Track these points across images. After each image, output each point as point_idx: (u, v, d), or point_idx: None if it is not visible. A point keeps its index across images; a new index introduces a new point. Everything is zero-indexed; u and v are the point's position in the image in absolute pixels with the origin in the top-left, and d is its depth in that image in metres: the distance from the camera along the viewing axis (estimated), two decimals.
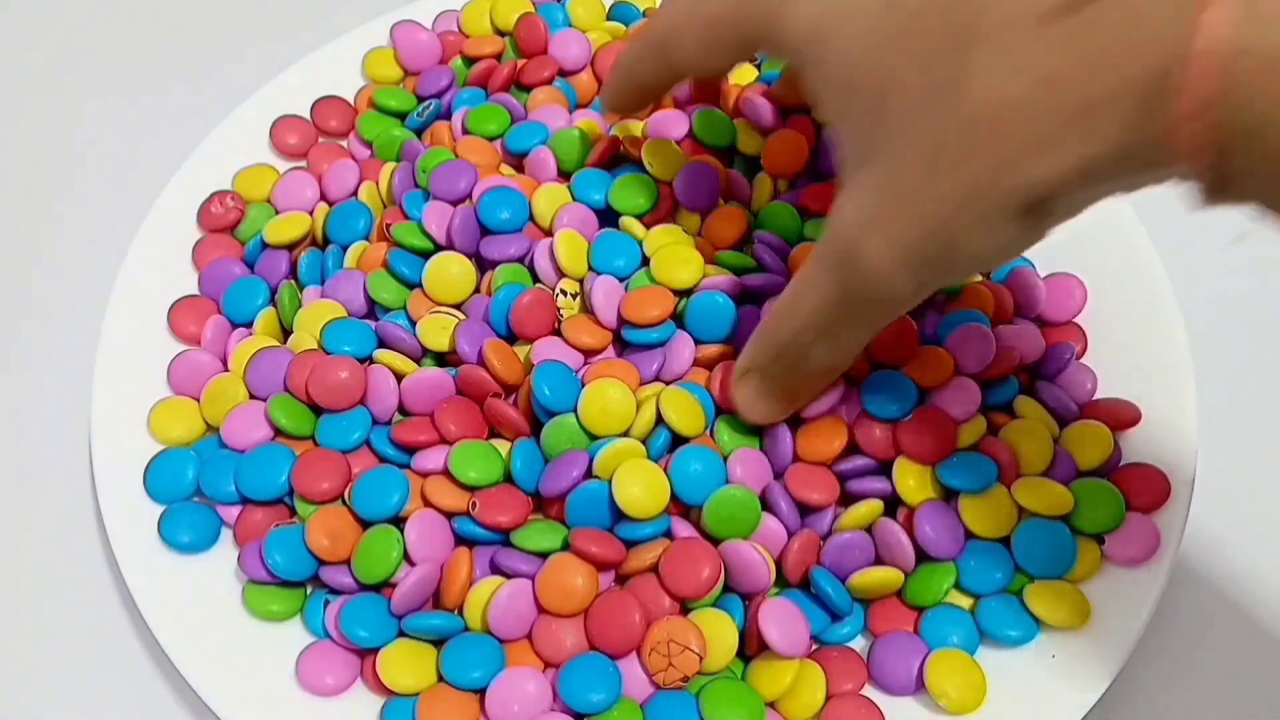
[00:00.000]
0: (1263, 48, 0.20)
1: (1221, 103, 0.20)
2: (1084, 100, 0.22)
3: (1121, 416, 0.34)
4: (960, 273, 0.27)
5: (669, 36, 0.31)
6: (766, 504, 0.33)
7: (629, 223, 0.36)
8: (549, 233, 0.37)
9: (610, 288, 0.35)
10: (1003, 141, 0.23)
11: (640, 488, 0.32)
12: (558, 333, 0.35)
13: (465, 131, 0.40)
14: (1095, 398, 0.36)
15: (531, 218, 0.37)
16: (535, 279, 0.36)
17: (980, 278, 0.37)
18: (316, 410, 0.35)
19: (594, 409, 0.33)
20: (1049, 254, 0.39)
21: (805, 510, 0.33)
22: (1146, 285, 0.38)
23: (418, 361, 0.35)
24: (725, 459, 0.33)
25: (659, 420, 0.33)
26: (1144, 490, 0.33)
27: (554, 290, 0.36)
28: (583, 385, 0.33)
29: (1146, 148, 0.22)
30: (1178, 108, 0.21)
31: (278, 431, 0.35)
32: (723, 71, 0.32)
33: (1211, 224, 0.42)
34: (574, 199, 0.37)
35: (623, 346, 0.35)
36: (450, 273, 0.36)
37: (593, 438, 0.33)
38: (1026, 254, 0.39)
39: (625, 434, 0.33)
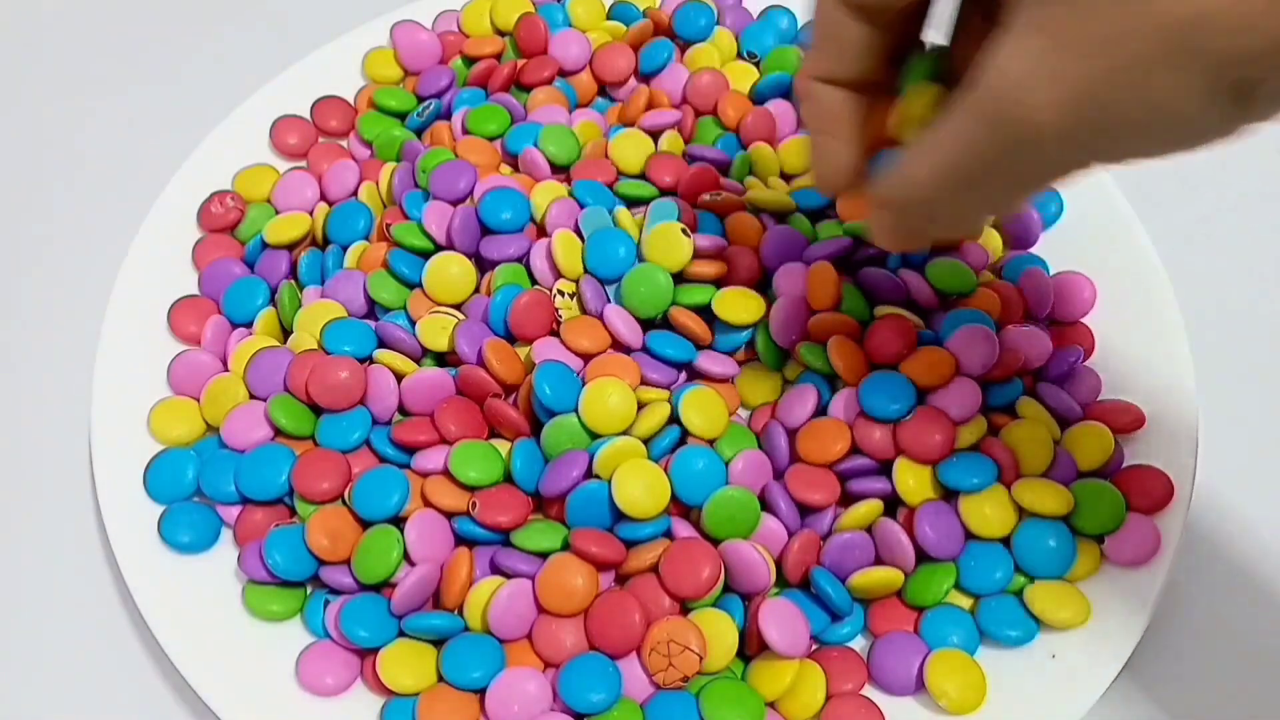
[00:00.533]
0: None
1: None
2: None
3: (1124, 419, 0.34)
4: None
5: None
6: (766, 504, 0.33)
7: (621, 215, 0.37)
8: (547, 232, 0.37)
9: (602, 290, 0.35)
10: None
11: (640, 488, 0.32)
12: (556, 334, 0.35)
13: (465, 131, 0.40)
14: (1099, 398, 0.36)
15: (532, 218, 0.37)
16: (533, 280, 0.36)
17: (991, 276, 0.37)
18: (316, 410, 0.35)
19: (595, 407, 0.33)
20: (1050, 254, 0.39)
21: (805, 510, 0.33)
22: (1147, 285, 0.38)
23: (418, 361, 0.35)
24: (726, 460, 0.33)
25: (670, 419, 0.33)
26: (1145, 492, 0.33)
27: (551, 291, 0.36)
28: (583, 384, 0.33)
29: None
30: None
31: (278, 431, 0.35)
32: None
33: (1212, 224, 0.42)
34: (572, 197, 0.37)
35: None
36: (450, 273, 0.36)
37: (594, 436, 0.33)
38: (1038, 253, 0.39)
39: (626, 432, 0.33)
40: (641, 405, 0.34)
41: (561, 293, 0.36)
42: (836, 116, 0.29)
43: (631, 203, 0.38)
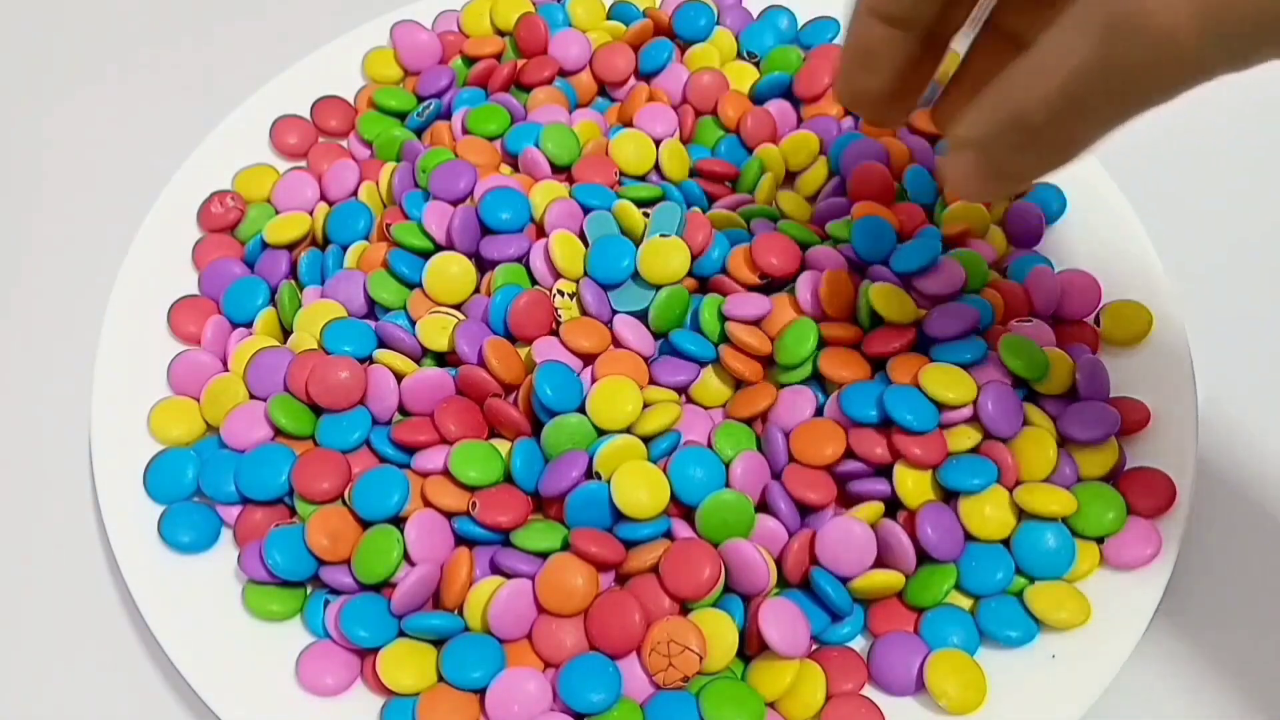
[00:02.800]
0: None
1: None
2: None
3: (1132, 418, 0.34)
4: (1273, 48, 0.20)
5: None
6: (766, 504, 0.33)
7: (626, 209, 0.36)
8: (546, 232, 0.37)
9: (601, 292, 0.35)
10: None
11: (640, 489, 0.32)
12: (556, 334, 0.35)
13: (465, 131, 0.40)
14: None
15: (532, 218, 0.37)
16: (533, 280, 0.36)
17: (997, 275, 0.37)
18: (316, 410, 0.35)
19: (604, 405, 0.33)
20: (1049, 253, 0.39)
21: (805, 510, 0.33)
22: (1147, 286, 0.38)
23: (418, 361, 0.35)
24: (725, 462, 0.33)
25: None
26: (1146, 494, 0.33)
27: (550, 291, 0.36)
28: (593, 381, 0.33)
29: None
30: None
31: (278, 431, 0.35)
32: None
33: (1213, 224, 0.42)
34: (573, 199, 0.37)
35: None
36: (450, 273, 0.36)
37: (600, 433, 0.33)
38: (1043, 252, 0.39)
39: (629, 429, 0.33)
40: (647, 405, 0.34)
41: (561, 293, 0.36)
42: (873, 52, 0.27)
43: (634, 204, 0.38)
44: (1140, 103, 0.22)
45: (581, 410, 0.33)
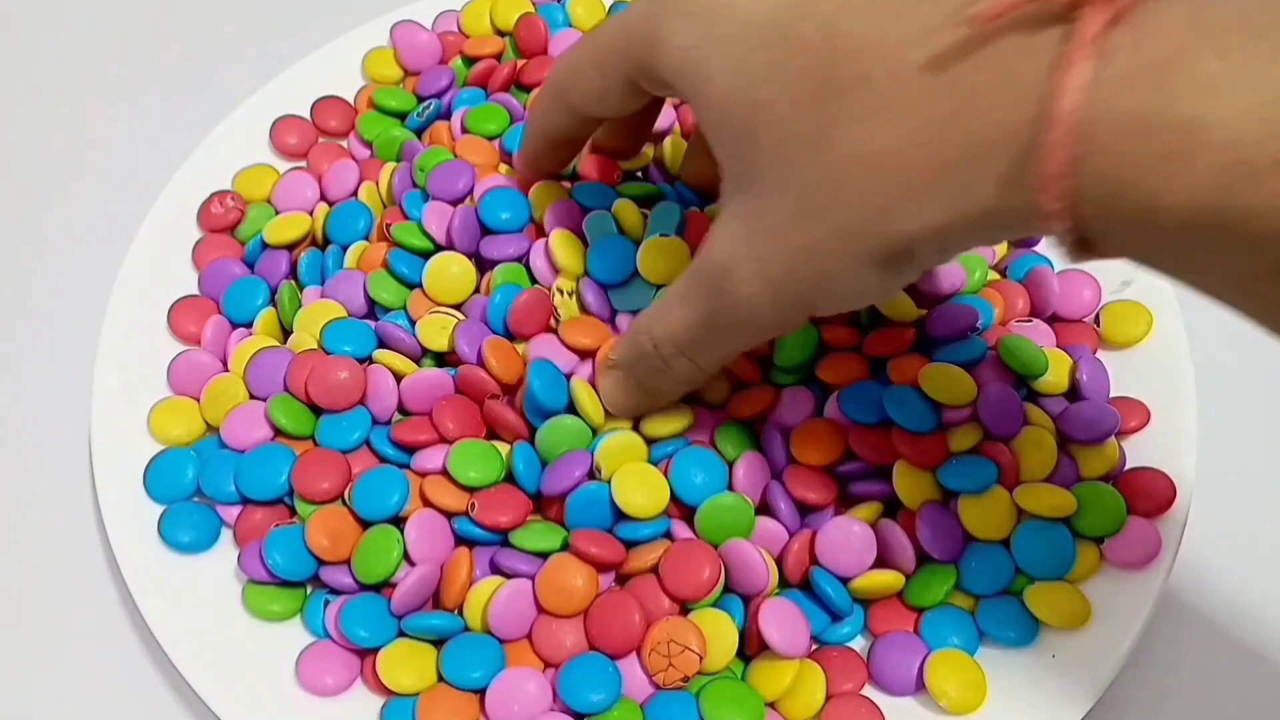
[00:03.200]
0: (1111, 113, 0.20)
1: (1079, 167, 0.20)
2: (954, 155, 0.22)
3: (1132, 420, 0.34)
4: (824, 308, 0.27)
5: (567, 79, 0.31)
6: (766, 504, 0.33)
7: (624, 207, 0.36)
8: (545, 231, 0.37)
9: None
10: (871, 192, 0.23)
11: (640, 489, 0.32)
12: (554, 331, 0.35)
13: (465, 131, 0.40)
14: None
15: (532, 218, 0.37)
16: (533, 279, 0.36)
17: (997, 275, 0.37)
18: (316, 410, 0.35)
19: (588, 397, 0.33)
20: (1051, 253, 0.39)
21: (805, 510, 0.33)
22: (1147, 286, 0.38)
23: (417, 362, 0.35)
24: (726, 463, 0.33)
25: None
26: (1146, 494, 0.33)
27: (550, 289, 0.36)
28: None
29: (1014, 207, 0.22)
30: (1043, 169, 0.21)
31: (278, 431, 0.35)
32: (621, 111, 0.31)
33: None
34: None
35: None
36: (450, 273, 0.36)
37: (594, 429, 0.33)
38: (1044, 253, 0.39)
39: (636, 427, 0.33)
40: None
41: (560, 291, 0.36)
42: (556, 139, 0.34)
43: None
44: (742, 343, 0.30)
45: (572, 409, 0.33)
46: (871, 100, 0.23)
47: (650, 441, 0.33)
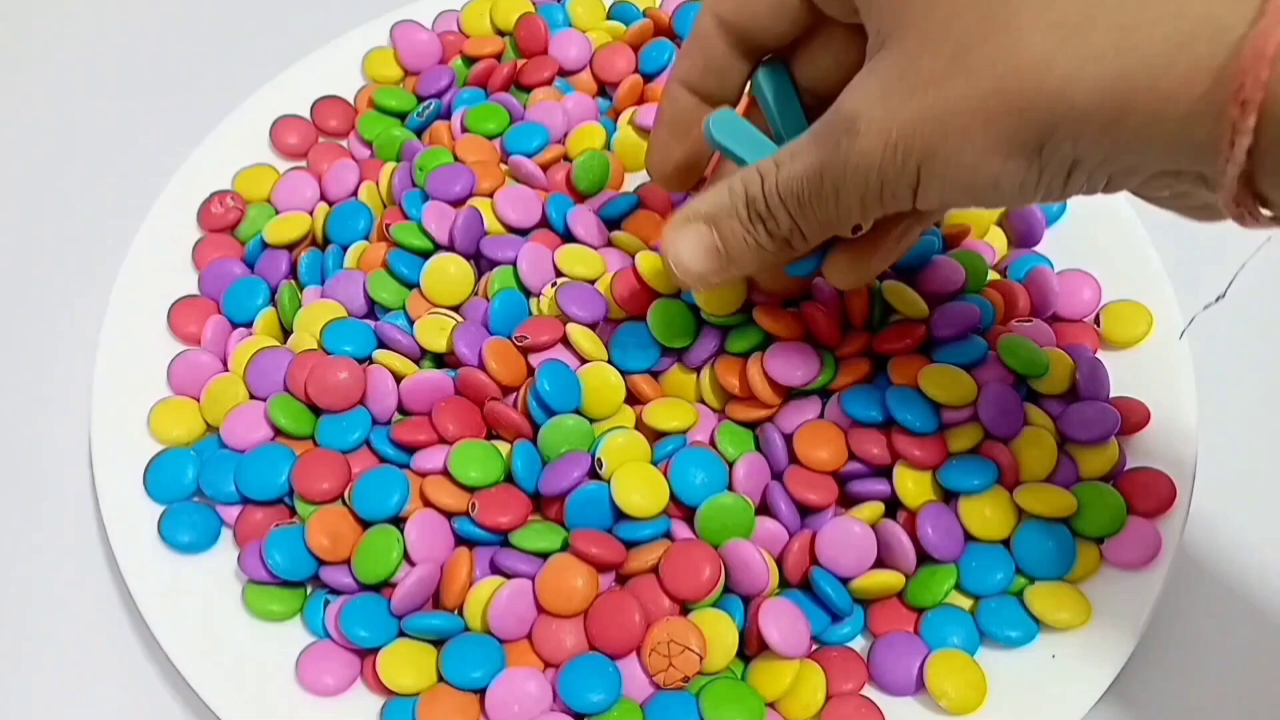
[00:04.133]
0: None
1: (1270, 94, 0.19)
2: (1142, 38, 0.21)
3: (1132, 419, 0.34)
4: (930, 189, 0.25)
5: None
6: (767, 505, 0.33)
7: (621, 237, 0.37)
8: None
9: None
10: (1037, 60, 0.22)
11: (640, 489, 0.32)
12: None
13: (465, 131, 0.40)
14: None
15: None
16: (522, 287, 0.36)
17: (998, 276, 0.37)
18: (316, 410, 0.35)
19: (593, 393, 0.33)
20: (1050, 253, 0.39)
21: (805, 511, 0.33)
22: (1147, 286, 0.38)
23: (417, 362, 0.35)
24: (727, 463, 0.33)
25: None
26: (1146, 494, 0.33)
27: (539, 293, 0.36)
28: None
29: (1196, 111, 0.20)
30: (1241, 73, 0.19)
31: (278, 431, 0.35)
32: (780, 25, 0.28)
33: (1214, 225, 0.42)
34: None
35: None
36: (448, 274, 0.36)
37: (594, 421, 0.33)
38: (1044, 253, 0.39)
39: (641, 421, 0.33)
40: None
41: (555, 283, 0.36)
42: (683, 121, 0.31)
43: None
44: (848, 212, 0.26)
45: (578, 411, 0.33)
46: None
47: (655, 435, 0.33)
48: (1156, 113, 0.21)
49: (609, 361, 0.34)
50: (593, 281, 0.35)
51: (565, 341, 0.34)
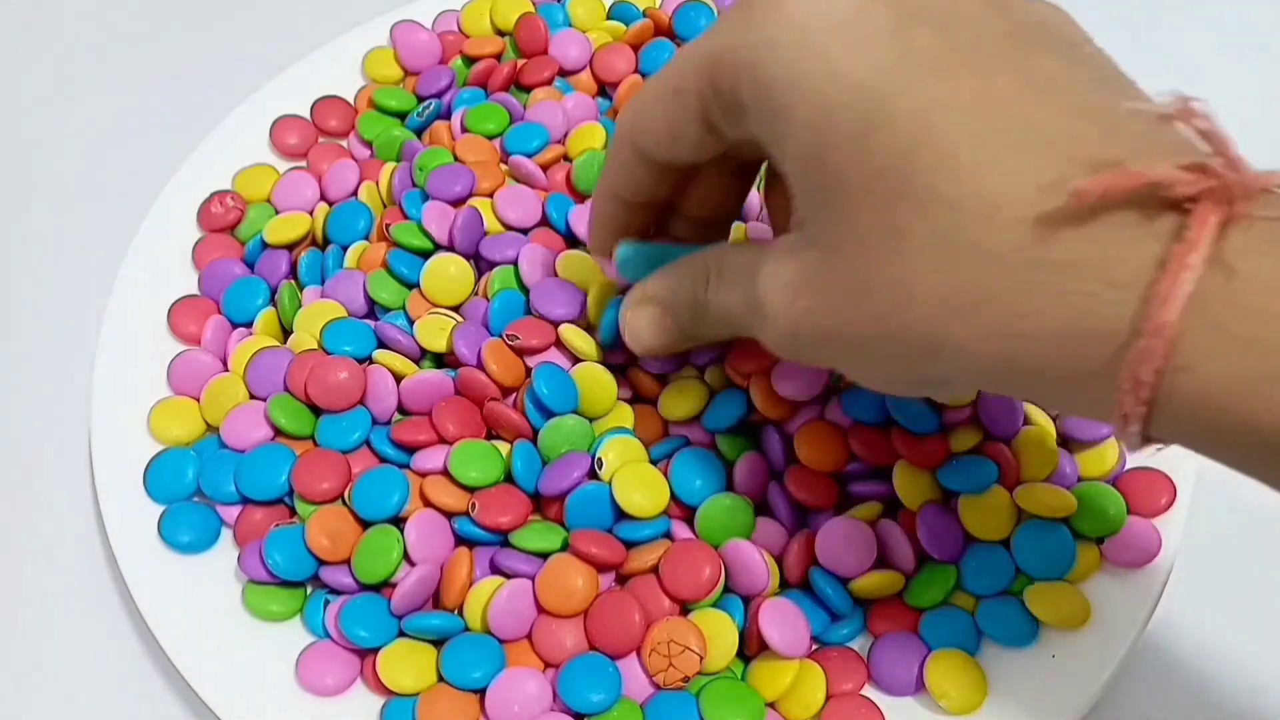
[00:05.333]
0: (1216, 331, 0.19)
1: (1169, 379, 0.20)
2: (1029, 325, 0.21)
3: None
4: (844, 372, 0.26)
5: (634, 119, 0.28)
6: (767, 505, 0.33)
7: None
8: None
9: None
10: (928, 327, 0.22)
11: (640, 489, 0.32)
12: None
13: (465, 131, 0.40)
14: None
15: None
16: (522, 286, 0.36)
17: None
18: (316, 410, 0.35)
19: (588, 393, 0.33)
20: None
21: (805, 511, 0.33)
22: None
23: (417, 362, 0.35)
24: (727, 463, 0.33)
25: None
26: (1146, 494, 0.33)
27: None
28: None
29: (1085, 395, 0.21)
30: (1132, 373, 0.20)
31: (278, 431, 0.35)
32: (695, 156, 0.28)
33: None
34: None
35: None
36: (448, 274, 0.36)
37: (589, 420, 0.33)
38: None
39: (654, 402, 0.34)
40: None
41: None
42: (618, 224, 0.31)
43: None
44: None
45: (576, 412, 0.33)
46: (951, 231, 0.21)
47: (664, 429, 0.33)
48: (1044, 378, 0.21)
49: (599, 351, 0.34)
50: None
51: (558, 342, 0.35)
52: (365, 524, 0.33)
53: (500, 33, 0.44)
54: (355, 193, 0.40)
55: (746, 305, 0.27)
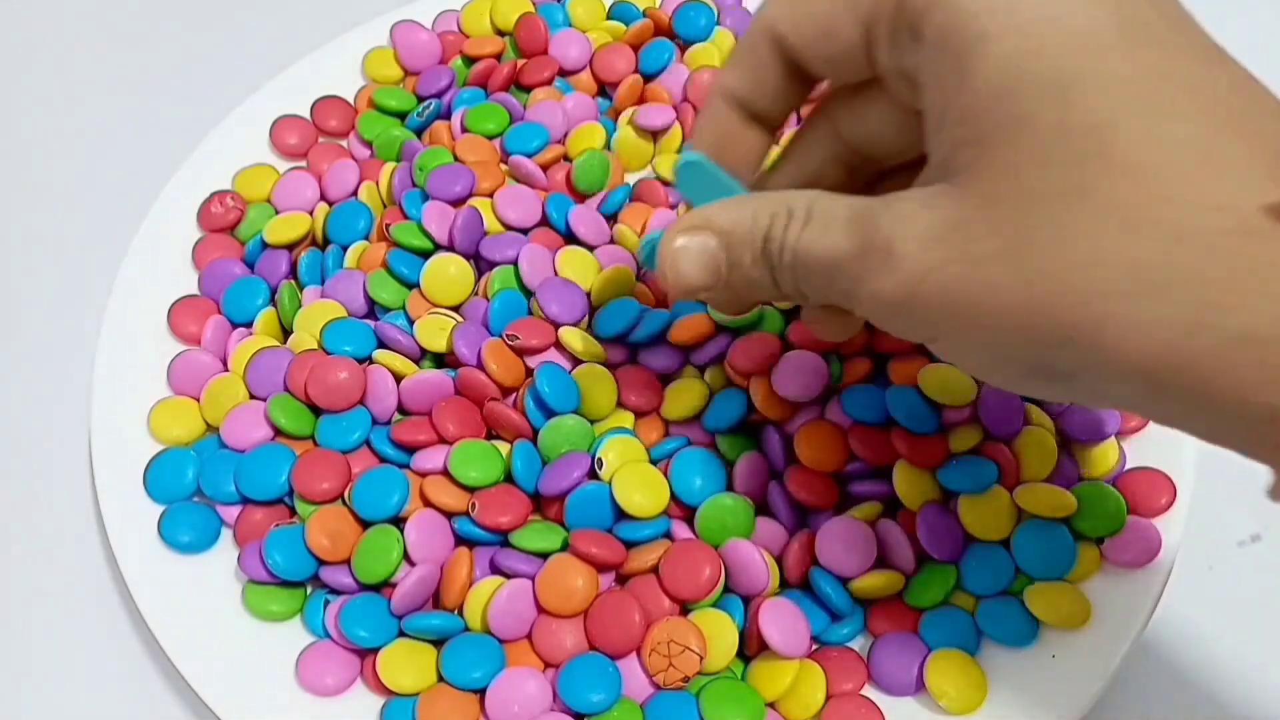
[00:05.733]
0: None
1: None
2: (1205, 319, 0.19)
3: (1130, 420, 0.34)
4: (934, 347, 0.24)
5: (789, 5, 0.26)
6: (767, 505, 0.33)
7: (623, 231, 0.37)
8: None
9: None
10: (1095, 278, 0.20)
11: (640, 489, 0.32)
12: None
13: (465, 131, 0.40)
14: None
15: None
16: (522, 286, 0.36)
17: None
18: (316, 410, 0.35)
19: (589, 393, 0.33)
20: None
21: (805, 511, 0.33)
22: None
23: (417, 362, 0.35)
24: (727, 463, 0.33)
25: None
26: (1147, 494, 0.33)
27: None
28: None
29: (1250, 416, 0.20)
30: None
31: (278, 431, 0.35)
32: (831, 70, 0.26)
33: None
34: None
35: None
36: (448, 274, 0.36)
37: (592, 423, 0.33)
38: None
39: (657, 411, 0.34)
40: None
41: None
42: (724, 137, 0.28)
43: None
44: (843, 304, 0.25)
45: (577, 412, 0.33)
46: (1150, 202, 0.19)
47: (665, 429, 0.33)
48: (1209, 383, 0.20)
49: (594, 337, 0.34)
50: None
51: (558, 344, 0.35)
52: (365, 524, 0.33)
53: (500, 33, 0.44)
54: (355, 193, 0.40)
55: (857, 250, 0.23)
